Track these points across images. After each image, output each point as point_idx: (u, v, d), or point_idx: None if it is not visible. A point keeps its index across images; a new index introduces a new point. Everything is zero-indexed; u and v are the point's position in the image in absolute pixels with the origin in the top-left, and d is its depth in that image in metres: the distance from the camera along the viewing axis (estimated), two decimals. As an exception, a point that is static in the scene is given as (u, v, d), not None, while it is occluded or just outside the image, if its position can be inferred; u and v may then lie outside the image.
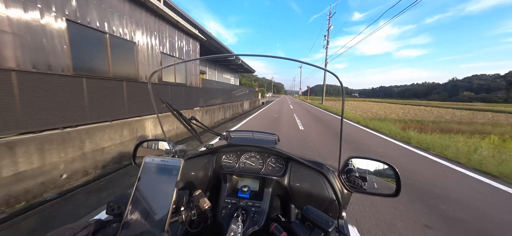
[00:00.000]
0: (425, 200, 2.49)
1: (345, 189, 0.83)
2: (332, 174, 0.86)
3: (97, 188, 2.84)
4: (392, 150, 4.93)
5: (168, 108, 0.85)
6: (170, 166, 0.56)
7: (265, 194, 0.84)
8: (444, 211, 2.28)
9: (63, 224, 0.48)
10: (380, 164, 0.81)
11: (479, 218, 2.16)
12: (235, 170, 0.94)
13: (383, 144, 5.49)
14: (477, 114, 19.63)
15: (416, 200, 2.49)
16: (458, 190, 2.80)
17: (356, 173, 0.83)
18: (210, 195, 0.94)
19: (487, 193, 2.75)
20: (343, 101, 0.79)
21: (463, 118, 15.91)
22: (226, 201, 0.82)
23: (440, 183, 3.01)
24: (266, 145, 0.95)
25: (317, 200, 0.82)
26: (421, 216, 2.17)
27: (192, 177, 0.93)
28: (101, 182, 3.02)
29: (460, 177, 3.31)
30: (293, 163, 0.92)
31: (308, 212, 0.59)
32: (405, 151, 4.82)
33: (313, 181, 0.85)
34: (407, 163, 3.94)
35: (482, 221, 2.12)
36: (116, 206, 0.57)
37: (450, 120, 13.79)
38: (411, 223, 2.06)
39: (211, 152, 0.99)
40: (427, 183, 2.99)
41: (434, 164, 3.94)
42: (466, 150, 4.61)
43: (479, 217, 2.18)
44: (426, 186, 2.89)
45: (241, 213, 0.73)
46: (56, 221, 2.09)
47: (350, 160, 0.84)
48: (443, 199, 2.53)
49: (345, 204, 0.84)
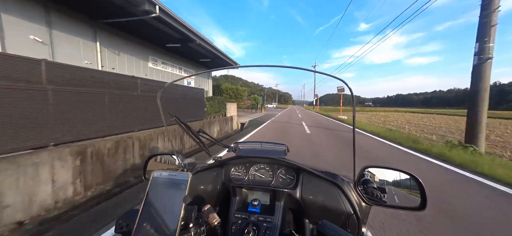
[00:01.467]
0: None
1: (363, 201, 0.77)
2: (348, 186, 0.81)
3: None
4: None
5: (177, 122, 0.86)
6: (178, 180, 0.55)
7: (277, 208, 0.80)
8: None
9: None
10: (399, 173, 0.75)
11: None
12: (244, 183, 0.91)
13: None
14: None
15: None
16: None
17: (373, 184, 0.78)
18: (219, 210, 0.91)
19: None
20: (354, 109, 0.76)
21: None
22: (236, 215, 0.79)
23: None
24: (275, 156, 0.93)
25: (333, 214, 0.77)
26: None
27: (201, 191, 0.91)
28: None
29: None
30: (305, 174, 0.88)
31: (325, 228, 0.55)
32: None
33: (327, 193, 0.81)
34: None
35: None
36: (124, 224, 0.56)
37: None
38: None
39: (220, 165, 0.97)
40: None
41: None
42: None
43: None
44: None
45: (252, 229, 0.69)
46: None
47: (366, 170, 0.79)
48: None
49: (365, 218, 0.78)
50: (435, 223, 2.23)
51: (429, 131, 11.33)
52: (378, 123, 15.41)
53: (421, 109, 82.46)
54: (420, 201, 0.69)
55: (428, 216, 2.32)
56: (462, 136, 6.79)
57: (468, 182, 3.53)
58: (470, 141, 5.62)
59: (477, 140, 5.53)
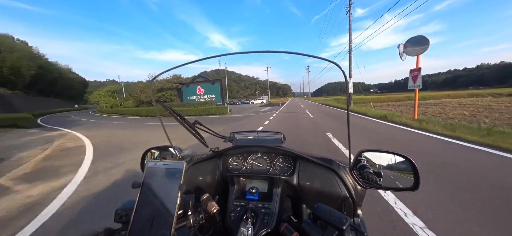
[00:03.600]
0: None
1: (358, 185, 0.79)
2: (343, 170, 0.82)
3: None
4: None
5: (170, 113, 0.85)
6: (173, 169, 0.55)
7: (275, 195, 0.81)
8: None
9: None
10: (394, 156, 0.76)
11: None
12: (242, 172, 0.92)
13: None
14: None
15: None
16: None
17: (369, 168, 0.79)
18: (218, 199, 0.93)
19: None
20: (348, 96, 0.75)
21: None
22: (235, 203, 0.80)
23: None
24: (272, 144, 0.93)
25: (329, 198, 0.79)
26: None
27: (200, 182, 0.92)
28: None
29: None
30: (301, 161, 0.89)
31: (320, 210, 0.56)
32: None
33: (323, 179, 0.82)
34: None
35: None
36: (124, 213, 0.56)
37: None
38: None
39: (217, 155, 0.98)
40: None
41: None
42: None
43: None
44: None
45: (250, 216, 0.71)
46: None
47: (361, 154, 0.80)
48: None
49: (360, 201, 0.80)
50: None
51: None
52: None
53: (464, 92, 59.20)
54: (413, 181, 0.71)
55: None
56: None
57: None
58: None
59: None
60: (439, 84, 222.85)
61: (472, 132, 5.69)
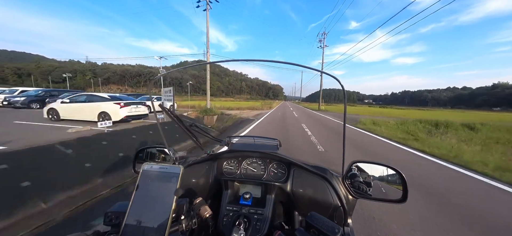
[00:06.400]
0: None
1: (350, 194, 0.80)
2: (336, 179, 0.84)
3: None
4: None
5: (168, 114, 0.84)
6: (169, 173, 0.54)
7: (268, 201, 0.81)
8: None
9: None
10: (385, 168, 0.79)
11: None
12: (236, 177, 0.91)
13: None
14: None
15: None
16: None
17: (360, 178, 0.81)
18: (211, 203, 0.92)
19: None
20: (345, 107, 0.77)
21: None
22: (228, 208, 0.79)
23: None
24: (268, 150, 0.94)
25: (322, 206, 0.80)
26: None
27: (193, 184, 0.91)
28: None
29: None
30: (296, 168, 0.90)
31: (313, 219, 0.57)
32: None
33: (316, 187, 0.83)
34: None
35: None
36: (114, 216, 0.55)
37: None
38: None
39: (212, 158, 0.97)
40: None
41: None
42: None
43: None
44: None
45: (243, 221, 0.70)
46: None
47: (353, 165, 0.82)
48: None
49: (351, 211, 0.81)
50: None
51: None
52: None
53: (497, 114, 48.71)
54: (402, 193, 0.73)
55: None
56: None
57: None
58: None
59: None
60: (433, 101, 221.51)
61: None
